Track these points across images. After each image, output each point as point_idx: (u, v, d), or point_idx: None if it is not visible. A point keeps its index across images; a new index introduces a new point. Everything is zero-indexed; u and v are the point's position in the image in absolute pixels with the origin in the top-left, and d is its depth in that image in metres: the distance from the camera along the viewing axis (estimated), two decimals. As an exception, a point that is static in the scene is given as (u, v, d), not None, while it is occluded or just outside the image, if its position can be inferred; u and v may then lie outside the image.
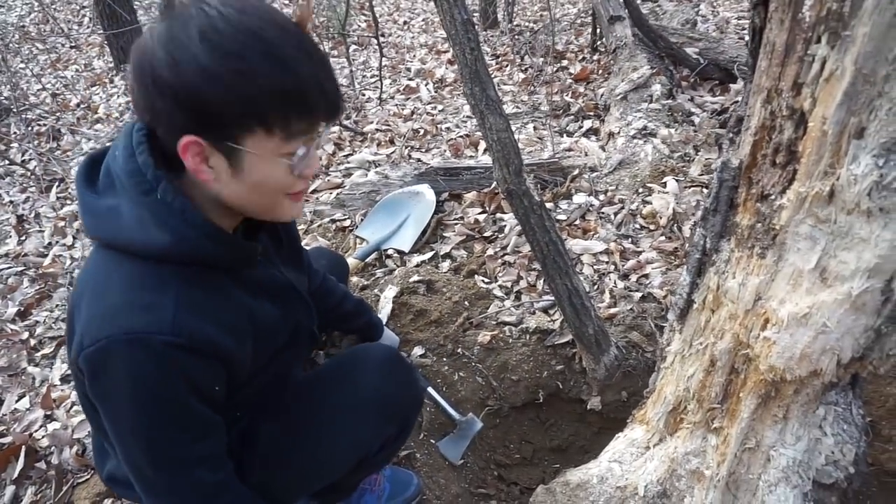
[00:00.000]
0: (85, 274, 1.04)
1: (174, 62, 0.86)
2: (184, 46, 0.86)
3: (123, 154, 0.97)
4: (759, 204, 1.09)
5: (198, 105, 0.88)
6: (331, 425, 1.28)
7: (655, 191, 2.51)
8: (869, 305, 1.03)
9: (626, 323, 1.99)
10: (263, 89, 0.88)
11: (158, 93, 0.88)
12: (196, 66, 0.85)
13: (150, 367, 0.94)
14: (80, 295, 1.01)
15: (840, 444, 1.29)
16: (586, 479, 1.60)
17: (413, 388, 1.46)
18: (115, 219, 0.97)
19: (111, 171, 0.99)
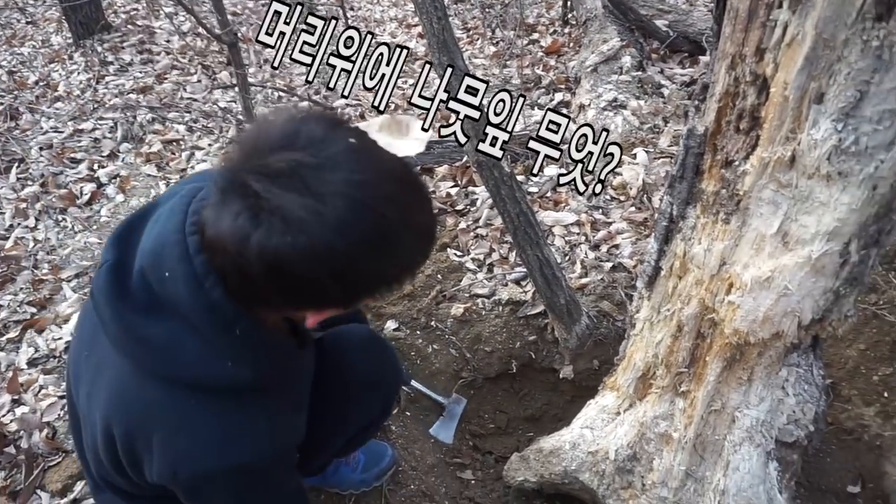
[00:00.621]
0: (136, 403, 0.92)
1: (306, 261, 0.73)
2: (317, 242, 0.72)
3: (186, 285, 0.82)
4: (724, 170, 1.11)
5: (325, 296, 0.80)
6: (320, 413, 1.27)
7: (626, 162, 2.53)
8: (828, 268, 1.05)
9: (596, 293, 2.02)
10: (397, 279, 0.84)
11: (273, 283, 0.76)
12: (331, 266, 0.74)
13: (257, 483, 0.98)
14: (142, 430, 0.92)
15: (801, 404, 1.33)
16: (559, 446, 1.63)
17: (392, 367, 1.47)
18: (180, 352, 0.87)
19: (158, 293, 0.86)
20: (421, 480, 1.75)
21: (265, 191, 0.71)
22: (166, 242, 0.84)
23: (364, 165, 0.76)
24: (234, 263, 0.75)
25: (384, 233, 0.76)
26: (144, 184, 3.09)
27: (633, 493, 1.47)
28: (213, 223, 0.76)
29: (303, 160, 0.72)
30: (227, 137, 3.48)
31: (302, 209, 0.71)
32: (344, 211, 0.72)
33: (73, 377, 1.10)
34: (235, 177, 0.74)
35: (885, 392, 1.82)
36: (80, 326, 1.09)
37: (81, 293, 2.36)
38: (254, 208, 0.71)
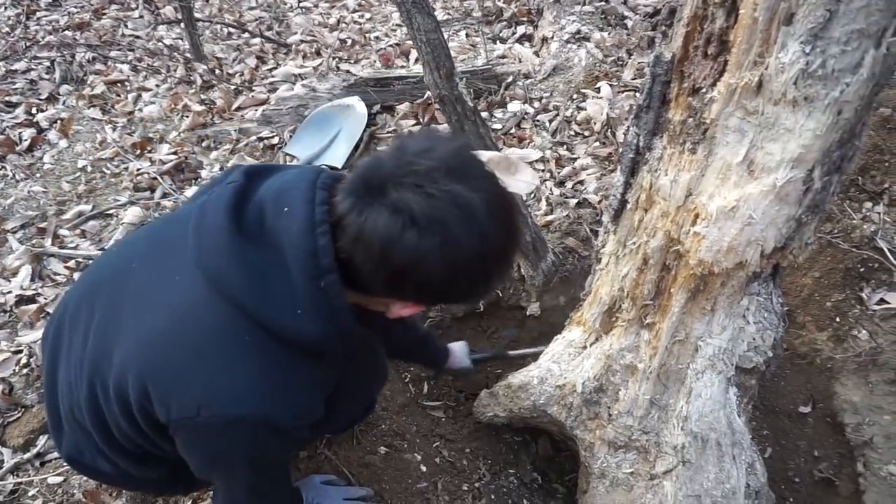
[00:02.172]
0: (191, 324, 0.93)
1: (451, 261, 0.83)
2: (462, 249, 0.83)
3: (301, 224, 0.87)
4: (691, 98, 1.08)
5: (446, 295, 0.91)
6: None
7: (589, 96, 2.49)
8: (792, 196, 1.05)
9: (562, 229, 2.01)
10: (494, 290, 0.96)
11: (411, 278, 0.84)
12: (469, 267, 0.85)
13: (272, 441, 0.99)
14: (188, 352, 0.93)
15: (761, 331, 1.36)
16: (527, 381, 1.66)
17: (380, 374, 1.48)
18: (260, 284, 0.89)
19: (269, 224, 0.91)
20: (392, 420, 1.77)
21: (423, 203, 0.80)
22: (296, 186, 0.91)
23: (502, 191, 0.89)
24: (374, 255, 0.82)
25: (508, 249, 0.91)
26: (89, 128, 2.92)
27: (599, 424, 1.50)
28: (356, 216, 0.83)
29: (459, 183, 0.82)
30: (175, 77, 3.30)
31: (457, 220, 0.81)
32: (488, 224, 0.83)
33: (92, 292, 1.10)
34: (389, 182, 0.82)
35: (836, 317, 1.89)
36: (133, 245, 1.12)
37: (28, 244, 2.25)
38: (410, 214, 0.80)
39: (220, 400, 0.92)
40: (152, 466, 1.21)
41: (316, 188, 0.90)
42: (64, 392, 1.14)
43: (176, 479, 1.28)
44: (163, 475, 1.25)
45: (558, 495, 1.91)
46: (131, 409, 1.00)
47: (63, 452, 1.26)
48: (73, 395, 1.11)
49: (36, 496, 1.62)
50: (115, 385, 0.99)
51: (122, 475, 1.24)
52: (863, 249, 1.87)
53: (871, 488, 1.63)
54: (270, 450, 1.03)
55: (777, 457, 1.86)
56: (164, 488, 1.39)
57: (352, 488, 1.56)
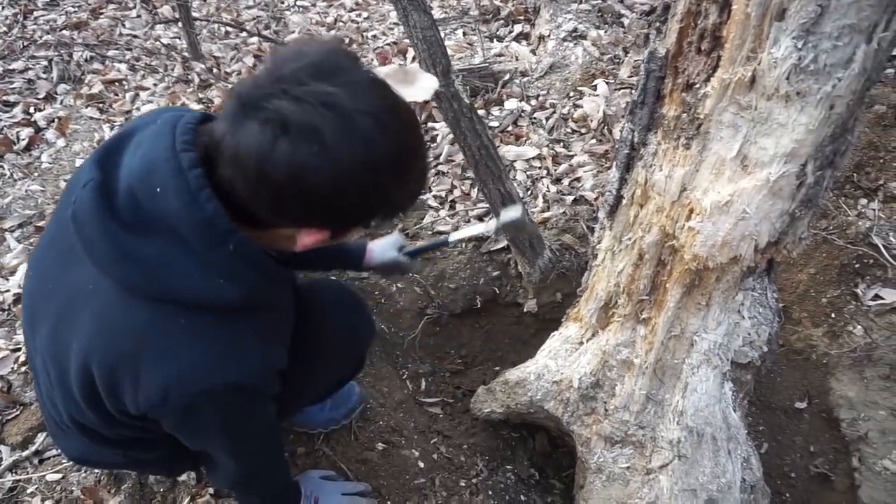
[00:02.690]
0: (122, 328, 0.91)
1: (332, 171, 0.77)
2: (342, 156, 0.77)
3: (179, 199, 0.82)
4: (685, 94, 1.09)
5: (340, 212, 0.84)
6: (294, 366, 1.25)
7: (586, 94, 2.50)
8: (785, 190, 1.06)
9: (559, 226, 2.02)
10: (401, 206, 0.91)
11: (293, 194, 0.79)
12: (354, 178, 0.79)
13: (243, 403, 1.00)
14: (132, 353, 0.91)
15: (756, 326, 1.37)
16: (524, 377, 1.66)
17: (366, 322, 1.47)
18: (171, 271, 0.86)
19: (147, 209, 0.85)
20: (389, 416, 1.77)
21: (293, 108, 0.74)
22: (157, 159, 0.84)
23: (387, 94, 0.82)
24: (250, 176, 0.77)
25: (403, 155, 0.83)
26: (87, 127, 2.92)
27: (596, 419, 1.51)
28: (231, 137, 0.78)
29: (331, 83, 0.76)
30: (173, 76, 3.30)
31: (331, 125, 0.75)
32: (371, 130, 0.77)
33: (29, 317, 1.07)
34: (260, 94, 0.76)
35: (832, 313, 1.90)
36: (39, 262, 1.06)
37: (27, 243, 2.25)
38: (281, 122, 0.74)
39: (178, 383, 0.92)
40: (153, 448, 1.22)
41: (177, 153, 0.84)
42: (51, 408, 1.15)
43: (181, 454, 1.28)
44: (166, 453, 1.26)
45: (555, 491, 1.92)
46: (111, 414, 1.01)
47: (70, 455, 1.27)
48: (57, 410, 1.11)
49: (34, 493, 1.63)
50: (86, 396, 0.99)
51: (133, 461, 1.26)
52: (858, 246, 1.88)
53: (866, 483, 1.64)
54: (245, 413, 1.04)
55: (773, 452, 1.87)
56: (175, 465, 1.40)
57: (349, 483, 1.57)
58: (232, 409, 1.00)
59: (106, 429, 1.08)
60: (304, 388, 1.18)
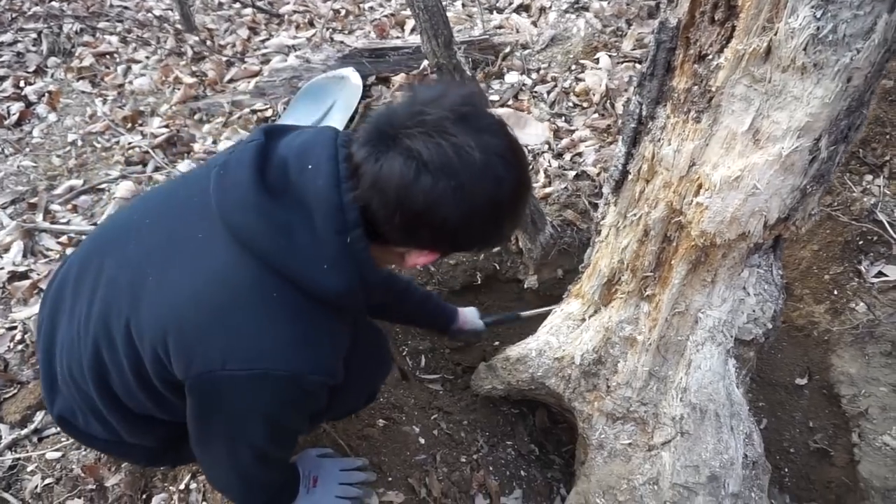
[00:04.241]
0: (225, 277, 0.93)
1: (465, 206, 0.85)
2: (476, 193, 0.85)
3: (327, 180, 0.88)
4: (697, 65, 1.06)
5: (458, 239, 0.92)
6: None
7: (588, 67, 2.45)
8: (797, 165, 1.04)
9: (560, 202, 1.99)
10: (507, 236, 1.03)
11: (426, 222, 0.87)
12: (482, 212, 0.87)
13: (294, 399, 1.00)
14: (210, 311, 0.93)
15: (761, 303, 1.36)
16: (525, 354, 1.65)
17: (385, 363, 1.49)
18: (287, 240, 0.90)
19: (292, 180, 0.91)
20: (390, 393, 1.77)
21: (435, 148, 0.82)
22: (317, 143, 0.92)
23: (512, 137, 0.91)
24: (390, 200, 0.85)
25: (520, 194, 0.92)
26: (78, 101, 2.87)
27: (598, 395, 1.51)
28: (372, 164, 0.85)
29: (467, 129, 0.84)
30: (165, 49, 3.23)
31: (468, 164, 0.83)
32: (502, 169, 0.86)
33: (100, 245, 1.10)
34: (403, 131, 0.84)
35: (835, 290, 1.89)
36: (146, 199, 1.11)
37: (19, 220, 2.21)
38: (424, 161, 0.82)
39: (246, 353, 0.92)
40: (146, 433, 1.20)
41: (337, 145, 0.91)
42: (64, 351, 1.12)
43: (165, 449, 1.28)
44: (153, 444, 1.25)
45: (555, 466, 1.93)
46: (143, 366, 0.99)
47: (55, 413, 1.24)
48: (73, 354, 1.09)
49: (34, 471, 1.62)
50: (126, 341, 0.99)
51: (113, 442, 1.23)
52: (862, 222, 1.86)
53: (866, 458, 1.65)
54: (289, 411, 1.03)
55: (773, 428, 1.88)
56: (152, 459, 1.39)
57: (347, 459, 1.57)
58: (283, 399, 0.99)
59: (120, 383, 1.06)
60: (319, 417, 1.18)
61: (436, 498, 1.59)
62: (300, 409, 1.06)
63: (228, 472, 1.16)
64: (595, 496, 1.49)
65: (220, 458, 1.14)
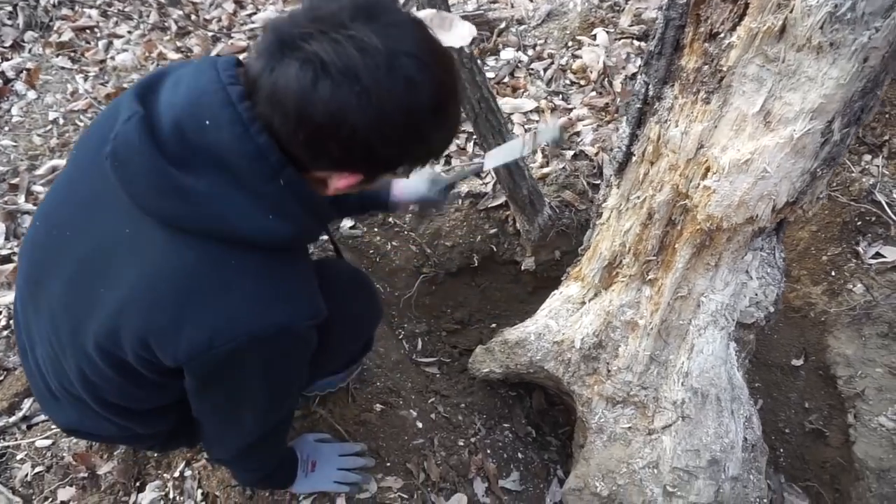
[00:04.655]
0: (170, 269, 0.87)
1: (372, 113, 0.76)
2: (384, 97, 0.75)
3: (231, 131, 0.79)
4: (707, 44, 1.02)
5: (376, 155, 0.82)
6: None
7: (585, 44, 2.40)
8: (809, 148, 1.01)
9: (558, 182, 1.96)
10: (436, 150, 0.89)
11: (333, 135, 0.77)
12: (394, 120, 0.78)
13: (287, 350, 0.97)
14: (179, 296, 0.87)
15: (764, 287, 1.34)
16: (524, 337, 1.64)
17: (375, 307, 1.43)
18: (219, 207, 0.83)
19: (195, 143, 0.82)
20: (387, 377, 1.75)
21: (334, 50, 0.73)
22: (204, 91, 0.82)
23: (427, 36, 0.81)
24: (290, 115, 0.76)
25: (443, 99, 0.81)
26: (59, 78, 2.77)
27: (598, 379, 1.49)
28: (268, 75, 0.76)
29: (371, 25, 0.75)
30: (148, 23, 3.12)
31: (373, 65, 0.73)
32: (414, 71, 0.76)
33: (34, 272, 1.03)
34: (299, 33, 0.74)
35: (832, 271, 1.88)
36: (51, 211, 1.02)
37: (1, 202, 2.15)
38: (321, 62, 0.73)
39: (228, 326, 0.88)
40: (156, 421, 1.19)
41: (225, 85, 0.81)
42: (49, 369, 1.09)
43: (179, 432, 1.26)
44: (167, 429, 1.23)
45: (552, 448, 1.93)
46: (129, 366, 0.96)
47: (62, 425, 1.22)
48: (59, 370, 1.06)
49: (24, 459, 1.59)
50: (103, 354, 0.95)
51: (128, 435, 1.22)
52: (861, 203, 1.85)
53: (861, 439, 1.66)
54: (285, 364, 1.01)
55: (768, 408, 1.89)
56: (169, 442, 1.37)
57: (346, 444, 1.55)
58: (278, 356, 0.96)
59: (117, 388, 1.02)
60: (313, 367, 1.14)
61: (434, 482, 1.58)
62: (295, 359, 1.03)
63: (229, 440, 1.14)
64: (594, 479, 1.49)
65: (223, 426, 1.12)
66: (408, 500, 1.51)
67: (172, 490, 1.52)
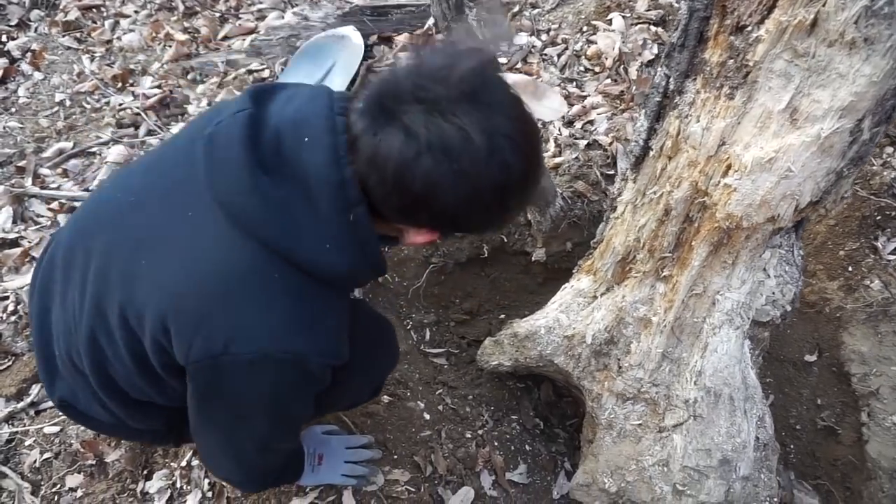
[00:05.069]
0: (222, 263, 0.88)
1: (466, 191, 0.79)
2: (480, 178, 0.79)
3: (326, 155, 0.82)
4: (733, 37, 0.98)
5: (460, 223, 0.86)
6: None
7: (601, 29, 2.34)
8: (836, 147, 0.98)
9: (571, 172, 1.93)
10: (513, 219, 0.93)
11: (425, 205, 0.81)
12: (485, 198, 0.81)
13: (298, 382, 0.96)
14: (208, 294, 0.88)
15: (781, 285, 1.31)
16: (534, 331, 1.61)
17: (391, 354, 1.43)
18: (286, 220, 0.85)
19: (288, 155, 0.85)
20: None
21: (439, 127, 0.76)
22: (312, 114, 0.86)
23: (524, 116, 0.83)
24: (387, 179, 0.79)
25: (530, 178, 0.85)
26: (65, 58, 2.74)
27: (608, 376, 1.47)
28: (371, 137, 0.79)
29: (476, 105, 0.77)
30: (155, 3, 3.07)
31: (472, 147, 0.76)
32: (509, 154, 0.79)
33: (84, 225, 1.04)
34: (405, 105, 0.77)
35: (849, 266, 1.85)
36: (129, 175, 1.05)
37: (8, 185, 2.13)
38: (426, 139, 0.76)
39: (248, 335, 0.88)
40: (149, 417, 1.17)
41: (334, 115, 0.85)
42: (60, 336, 1.08)
43: (169, 430, 1.25)
44: (157, 426, 1.22)
45: (560, 440, 1.92)
46: (142, 351, 0.95)
47: (56, 396, 1.20)
48: (70, 339, 1.05)
49: (33, 446, 1.59)
50: (122, 327, 0.94)
51: (116, 424, 1.20)
52: (881, 197, 1.81)
53: (874, 438, 1.64)
54: (292, 395, 1.00)
55: (780, 404, 1.86)
56: (157, 439, 1.37)
57: (353, 437, 1.54)
58: (285, 382, 0.96)
59: (121, 367, 1.01)
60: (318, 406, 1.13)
61: (441, 475, 1.57)
62: (303, 393, 1.02)
63: (229, 460, 1.12)
64: (603, 475, 1.48)
65: (220, 446, 1.10)
66: (415, 494, 1.50)
67: (180, 479, 1.52)
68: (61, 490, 1.54)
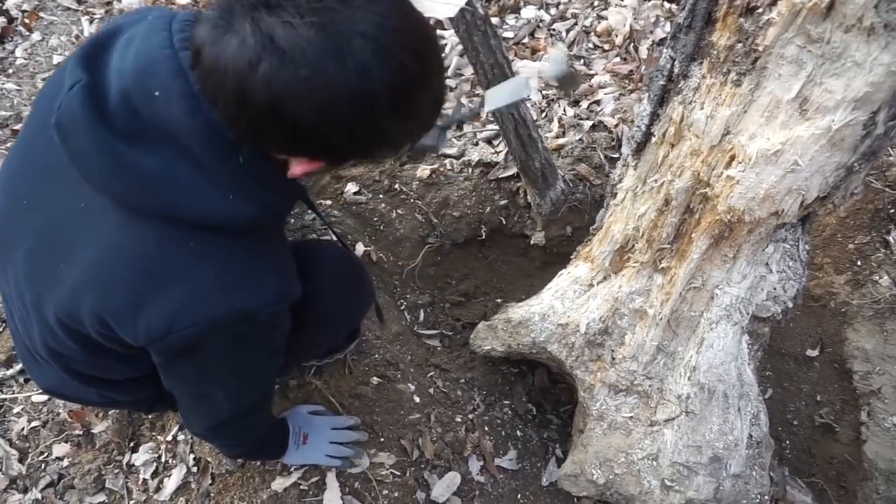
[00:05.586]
0: (130, 252, 0.82)
1: (316, 101, 0.68)
2: (330, 86, 0.67)
3: (181, 104, 0.72)
4: (743, 19, 0.92)
5: (327, 145, 0.75)
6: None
7: (612, 4, 2.25)
8: (848, 140, 0.92)
9: (574, 154, 1.87)
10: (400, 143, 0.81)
11: (274, 121, 0.69)
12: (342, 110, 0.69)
13: (252, 335, 0.92)
14: (138, 279, 0.82)
15: (784, 281, 1.27)
16: (528, 317, 1.58)
17: (365, 296, 1.37)
18: (174, 185, 0.77)
19: (144, 116, 0.75)
20: (385, 349, 1.71)
21: (282, 21, 0.65)
22: (153, 59, 0.74)
23: (395, 13, 0.70)
24: (228, 93, 0.69)
25: (403, 87, 0.71)
26: (63, 19, 2.68)
27: (601, 366, 1.44)
28: (213, 44, 0.68)
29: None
30: (158, -36, 3.00)
31: (322, 46, 0.65)
32: (368, 55, 0.67)
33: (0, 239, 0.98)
34: (250, 2, 0.66)
35: (858, 260, 1.79)
36: (9, 178, 0.95)
37: (3, 148, 2.10)
38: (266, 36, 0.65)
39: (187, 310, 0.83)
40: (135, 389, 1.16)
41: (175, 50, 0.73)
42: (24, 336, 1.06)
43: (162, 396, 1.24)
44: (147, 395, 1.21)
45: (552, 426, 1.89)
46: (96, 343, 0.92)
47: (42, 385, 1.20)
48: (31, 337, 1.02)
49: (21, 413, 1.59)
50: (66, 330, 0.91)
51: (109, 401, 1.20)
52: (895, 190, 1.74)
53: (873, 438, 1.60)
54: (253, 349, 0.97)
55: (778, 398, 1.83)
56: (153, 406, 1.35)
57: (339, 417, 1.52)
58: (241, 341, 0.92)
59: (84, 360, 1.00)
60: (294, 355, 1.09)
61: (428, 459, 1.55)
62: (263, 344, 0.99)
63: (202, 416, 1.11)
64: (592, 467, 1.45)
65: (194, 407, 1.09)
66: (400, 477, 1.49)
67: (165, 453, 1.52)
68: (48, 458, 1.54)
